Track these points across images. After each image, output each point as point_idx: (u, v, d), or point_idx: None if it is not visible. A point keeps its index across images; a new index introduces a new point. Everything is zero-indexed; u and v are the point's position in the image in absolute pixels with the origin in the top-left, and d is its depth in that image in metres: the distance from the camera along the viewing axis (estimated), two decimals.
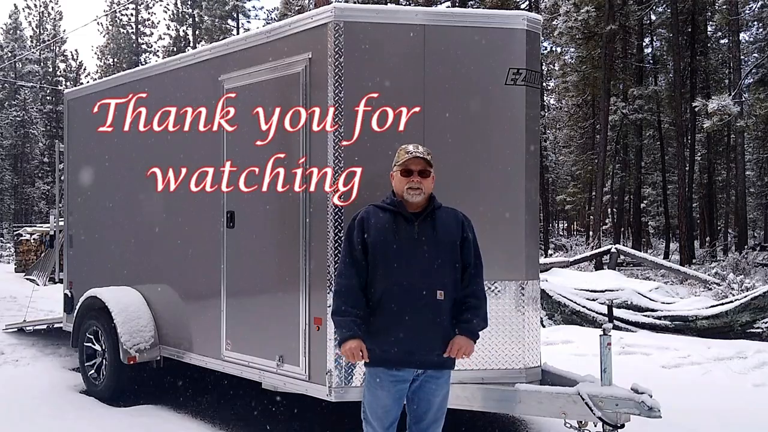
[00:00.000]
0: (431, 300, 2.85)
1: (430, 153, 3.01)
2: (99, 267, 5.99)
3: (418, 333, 2.84)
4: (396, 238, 2.89)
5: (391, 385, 2.91)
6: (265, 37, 4.26)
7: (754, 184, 32.13)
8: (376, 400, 2.95)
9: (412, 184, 2.91)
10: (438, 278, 2.87)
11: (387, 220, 2.93)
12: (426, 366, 2.91)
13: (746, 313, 8.02)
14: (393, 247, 2.88)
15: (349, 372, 3.71)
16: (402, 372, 2.91)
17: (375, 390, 2.94)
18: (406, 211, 2.93)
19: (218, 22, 42.52)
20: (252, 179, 4.37)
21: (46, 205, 42.42)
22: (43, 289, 13.32)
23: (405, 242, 2.89)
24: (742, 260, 15.25)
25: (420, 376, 2.94)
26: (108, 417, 4.86)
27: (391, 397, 2.93)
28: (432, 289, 2.85)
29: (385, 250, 2.89)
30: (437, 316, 2.86)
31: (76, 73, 49.71)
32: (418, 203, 2.94)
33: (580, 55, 25.72)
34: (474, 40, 3.85)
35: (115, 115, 5.77)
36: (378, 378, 2.93)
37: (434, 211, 2.96)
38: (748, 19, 23.03)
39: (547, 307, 8.61)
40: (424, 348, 2.86)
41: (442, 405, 3.00)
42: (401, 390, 2.94)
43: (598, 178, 21.56)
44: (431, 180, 2.98)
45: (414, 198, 2.92)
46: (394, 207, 2.96)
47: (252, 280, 4.38)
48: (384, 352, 2.88)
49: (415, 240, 2.89)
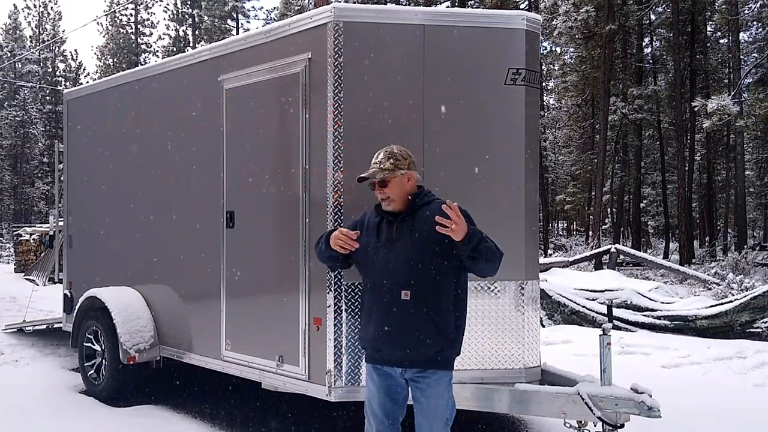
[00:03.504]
0: (396, 299, 2.86)
1: (392, 156, 2.96)
2: (98, 267, 5.99)
3: (382, 331, 2.90)
4: (377, 239, 2.99)
5: (380, 378, 2.99)
6: (264, 38, 4.26)
7: (753, 183, 32.15)
8: (370, 393, 3.06)
9: (380, 195, 2.99)
10: (405, 277, 2.85)
11: (375, 223, 3.04)
12: (399, 364, 2.91)
13: (746, 313, 8.02)
14: (373, 248, 2.98)
15: (350, 372, 3.71)
16: (385, 368, 2.97)
17: (369, 384, 3.07)
18: (387, 215, 3.00)
19: (218, 23, 42.53)
20: (252, 179, 4.37)
21: (45, 205, 42.43)
22: (43, 289, 13.31)
23: (383, 243, 2.96)
24: (742, 260, 15.26)
25: (406, 376, 2.94)
26: (108, 417, 4.85)
27: (381, 391, 2.98)
28: (397, 288, 2.86)
29: (367, 251, 3.01)
30: (401, 315, 2.85)
31: (75, 73, 49.73)
32: (396, 208, 2.97)
33: (579, 55, 25.75)
34: (473, 40, 3.85)
35: (115, 115, 5.78)
36: (368, 372, 3.06)
37: (417, 210, 2.95)
38: (747, 19, 23.05)
39: (547, 307, 8.61)
40: (390, 345, 2.89)
41: (438, 407, 2.90)
42: (391, 385, 2.97)
43: (598, 178, 21.56)
44: (398, 182, 2.94)
45: (387, 207, 2.99)
46: (381, 211, 3.03)
47: (252, 280, 4.37)
48: (365, 350, 3.07)
49: (393, 240, 2.94)
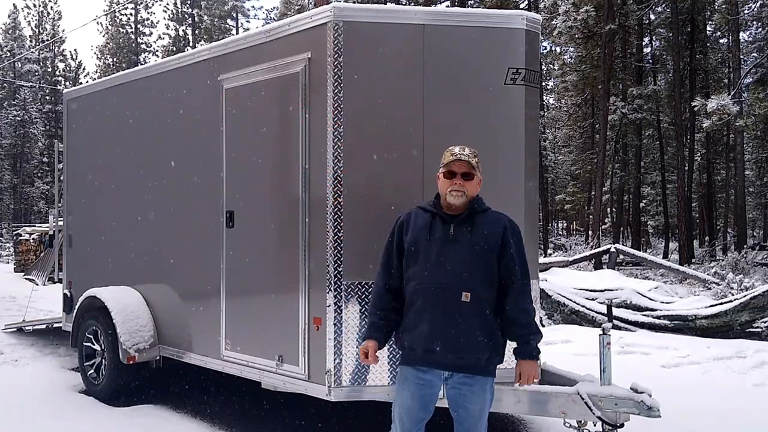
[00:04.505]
0: (456, 300, 2.81)
1: (476, 155, 2.98)
2: (98, 267, 5.98)
3: (440, 332, 2.82)
4: (430, 238, 2.91)
5: (417, 387, 2.90)
6: (264, 37, 4.26)
7: (753, 183, 32.17)
8: (400, 399, 2.95)
9: (454, 187, 2.91)
10: (466, 280, 2.82)
11: (425, 221, 2.96)
12: (449, 368, 2.87)
13: (745, 313, 8.02)
14: (425, 247, 2.90)
15: (350, 372, 3.71)
16: (428, 375, 2.89)
17: (401, 390, 2.96)
18: (443, 213, 2.95)
19: (217, 22, 42.55)
20: (251, 179, 4.37)
21: (45, 205, 42.42)
22: (43, 288, 13.30)
23: (438, 243, 2.89)
24: (742, 260, 15.26)
25: (450, 380, 2.90)
26: (107, 417, 4.85)
27: (415, 400, 2.90)
28: (457, 289, 2.81)
29: (418, 250, 2.92)
30: (461, 317, 2.81)
31: (75, 72, 49.69)
32: (459, 205, 2.93)
33: (579, 55, 25.73)
34: (473, 39, 3.85)
35: (115, 115, 5.78)
36: (405, 377, 2.94)
37: (475, 214, 2.93)
38: (747, 19, 23.03)
39: (547, 307, 8.60)
40: (445, 348, 2.82)
41: (481, 414, 2.92)
42: (427, 395, 2.91)
43: (598, 178, 21.56)
44: (476, 183, 2.96)
45: (456, 200, 2.92)
46: (434, 208, 2.98)
47: (251, 280, 4.37)
48: (411, 350, 2.90)
49: (449, 241, 2.88)
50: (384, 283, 3.01)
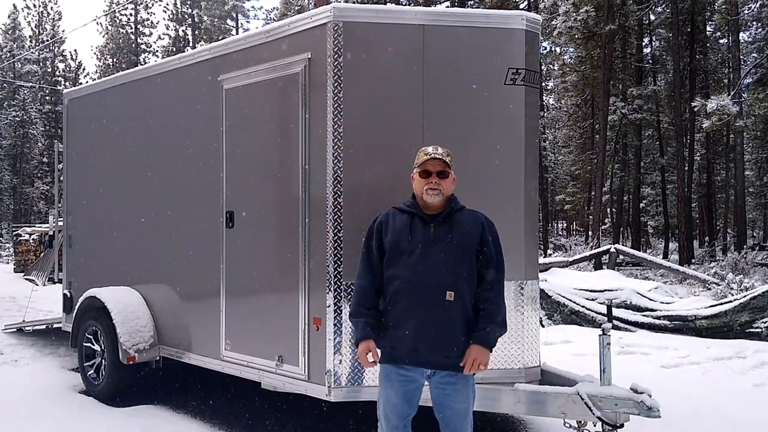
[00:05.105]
0: (439, 299, 2.83)
1: (450, 154, 3.01)
2: (98, 267, 5.98)
3: (423, 330, 2.84)
4: (410, 239, 2.92)
5: (400, 384, 2.92)
6: (264, 37, 4.26)
7: (753, 183, 32.17)
8: (386, 397, 2.97)
9: (430, 185, 2.93)
10: (449, 279, 2.85)
11: (404, 222, 2.97)
12: (434, 366, 2.89)
13: (745, 313, 8.02)
14: (407, 247, 2.90)
15: (350, 372, 3.71)
16: (411, 372, 2.91)
17: (385, 388, 2.97)
18: (422, 213, 2.96)
19: (217, 22, 42.55)
20: (251, 179, 4.37)
21: (45, 205, 42.42)
22: (43, 289, 13.31)
23: (419, 243, 2.90)
24: (741, 260, 15.26)
25: (432, 378, 2.92)
26: (107, 417, 4.85)
27: (400, 397, 2.93)
28: (442, 289, 2.84)
29: (399, 250, 2.92)
30: (445, 315, 2.84)
31: (75, 73, 49.67)
32: (436, 204, 2.95)
33: (579, 55, 25.74)
34: (473, 40, 3.85)
35: (115, 115, 5.78)
36: (388, 375, 2.96)
37: (453, 213, 2.96)
38: (747, 19, 23.05)
39: (547, 307, 8.60)
40: (429, 347, 2.84)
41: (467, 412, 2.95)
42: (411, 391, 2.94)
43: (598, 178, 21.57)
44: (450, 181, 2.99)
45: (432, 199, 2.94)
46: (412, 209, 2.99)
47: (251, 280, 4.37)
48: (393, 349, 2.91)
49: (430, 241, 2.90)
50: (370, 282, 2.99)
